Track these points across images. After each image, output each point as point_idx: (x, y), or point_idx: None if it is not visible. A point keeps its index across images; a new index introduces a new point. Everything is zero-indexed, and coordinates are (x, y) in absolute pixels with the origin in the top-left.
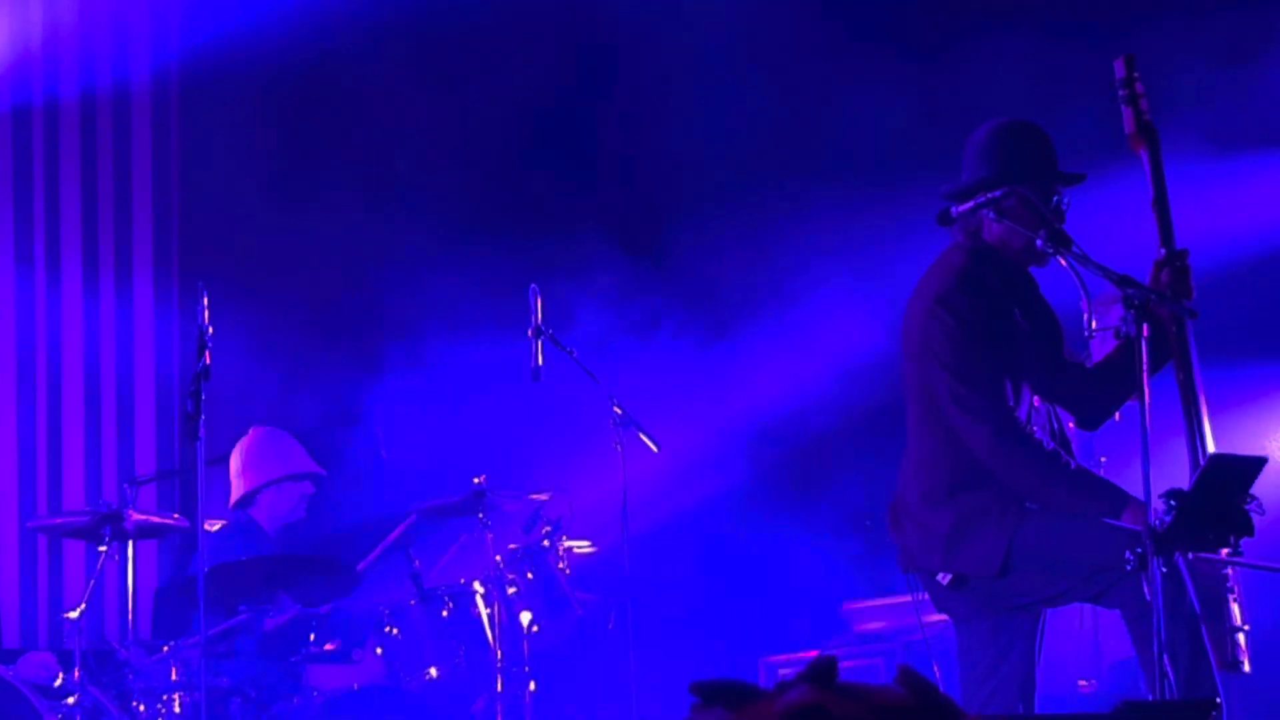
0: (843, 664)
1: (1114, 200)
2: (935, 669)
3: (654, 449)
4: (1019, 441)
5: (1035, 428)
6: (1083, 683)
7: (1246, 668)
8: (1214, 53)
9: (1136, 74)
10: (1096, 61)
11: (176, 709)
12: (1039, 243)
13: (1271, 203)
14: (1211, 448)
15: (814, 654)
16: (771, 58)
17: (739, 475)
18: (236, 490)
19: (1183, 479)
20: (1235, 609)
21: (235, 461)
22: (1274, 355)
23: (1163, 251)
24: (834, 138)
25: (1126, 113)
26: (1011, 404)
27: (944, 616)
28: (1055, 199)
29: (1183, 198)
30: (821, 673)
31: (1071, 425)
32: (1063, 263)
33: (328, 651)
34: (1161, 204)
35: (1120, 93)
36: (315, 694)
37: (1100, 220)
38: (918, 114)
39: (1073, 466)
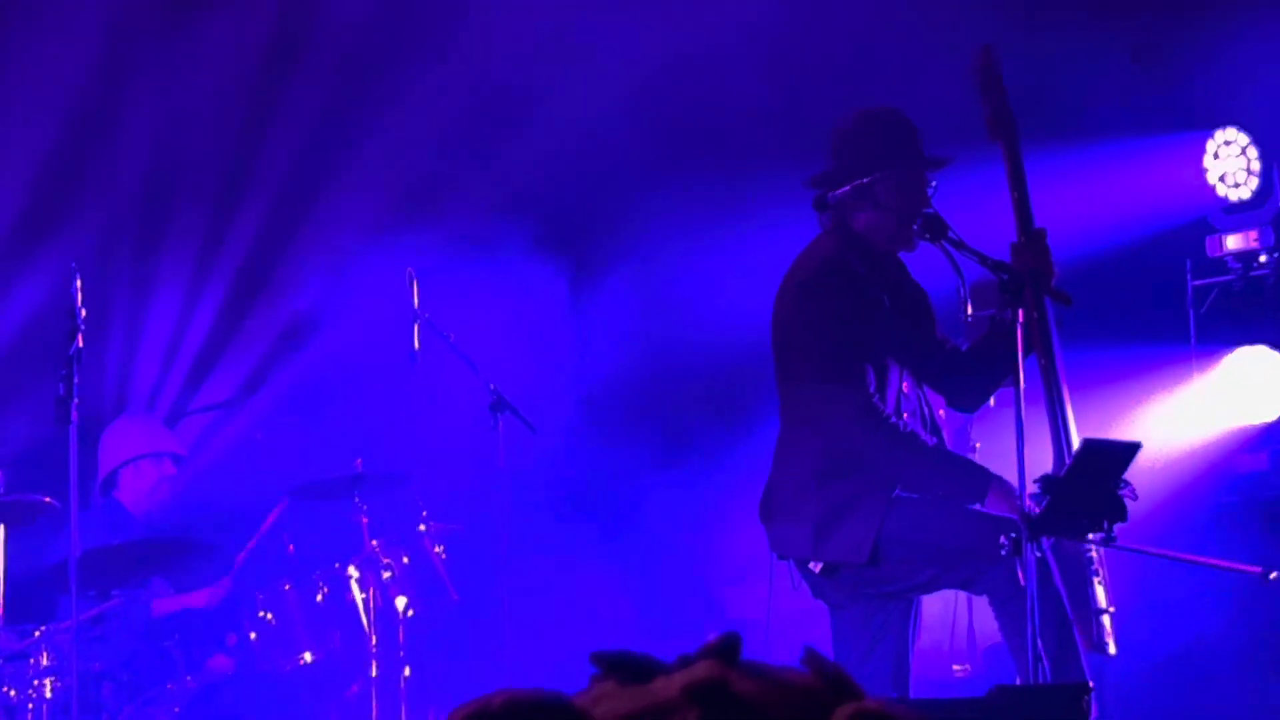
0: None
1: (986, 186)
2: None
3: (531, 431)
4: (876, 425)
5: (905, 413)
6: (957, 667)
7: (1112, 649)
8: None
9: (995, 63)
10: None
11: (48, 694)
12: (915, 227)
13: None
14: (1074, 432)
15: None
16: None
17: (618, 457)
18: (100, 474)
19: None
20: (1100, 591)
21: (101, 447)
22: (1141, 339)
23: (1021, 237)
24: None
25: (985, 102)
26: (875, 389)
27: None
28: (924, 184)
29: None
30: (725, 648)
31: (942, 412)
32: (941, 248)
33: (201, 636)
34: (1020, 190)
35: (979, 82)
36: (188, 678)
37: (973, 206)
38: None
39: (932, 447)
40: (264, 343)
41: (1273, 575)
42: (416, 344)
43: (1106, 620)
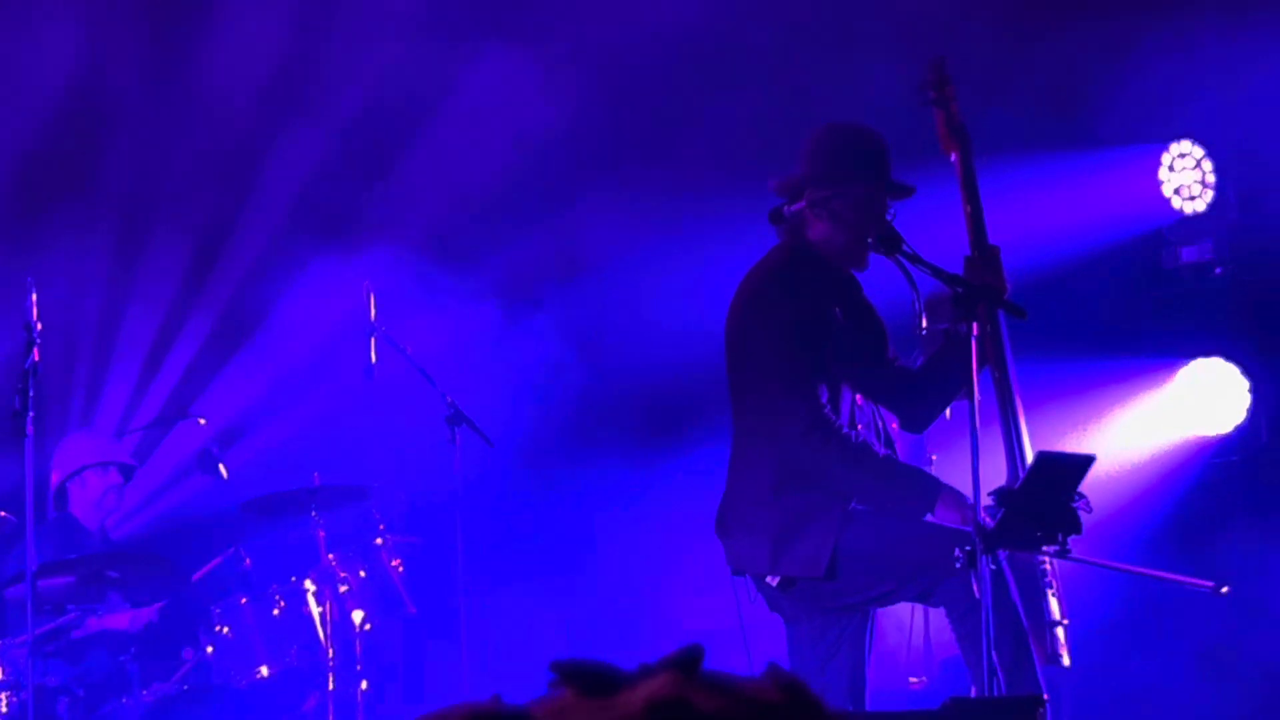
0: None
1: (938, 201)
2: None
3: (489, 444)
4: (827, 437)
5: (860, 425)
6: (914, 680)
7: (1066, 662)
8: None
9: (947, 76)
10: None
11: (3, 708)
12: (869, 240)
13: (1087, 203)
14: (1028, 444)
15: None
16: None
17: (575, 471)
18: (50, 489)
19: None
20: (1054, 604)
21: (51, 462)
22: (1096, 352)
23: (974, 251)
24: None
25: (937, 115)
26: (828, 400)
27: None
28: (884, 206)
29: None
30: (686, 662)
31: (896, 425)
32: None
33: (157, 650)
34: (973, 204)
35: (930, 95)
36: (144, 693)
37: (926, 219)
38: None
39: (882, 457)
40: (220, 356)
41: (1224, 590)
42: (373, 357)
43: (1061, 632)
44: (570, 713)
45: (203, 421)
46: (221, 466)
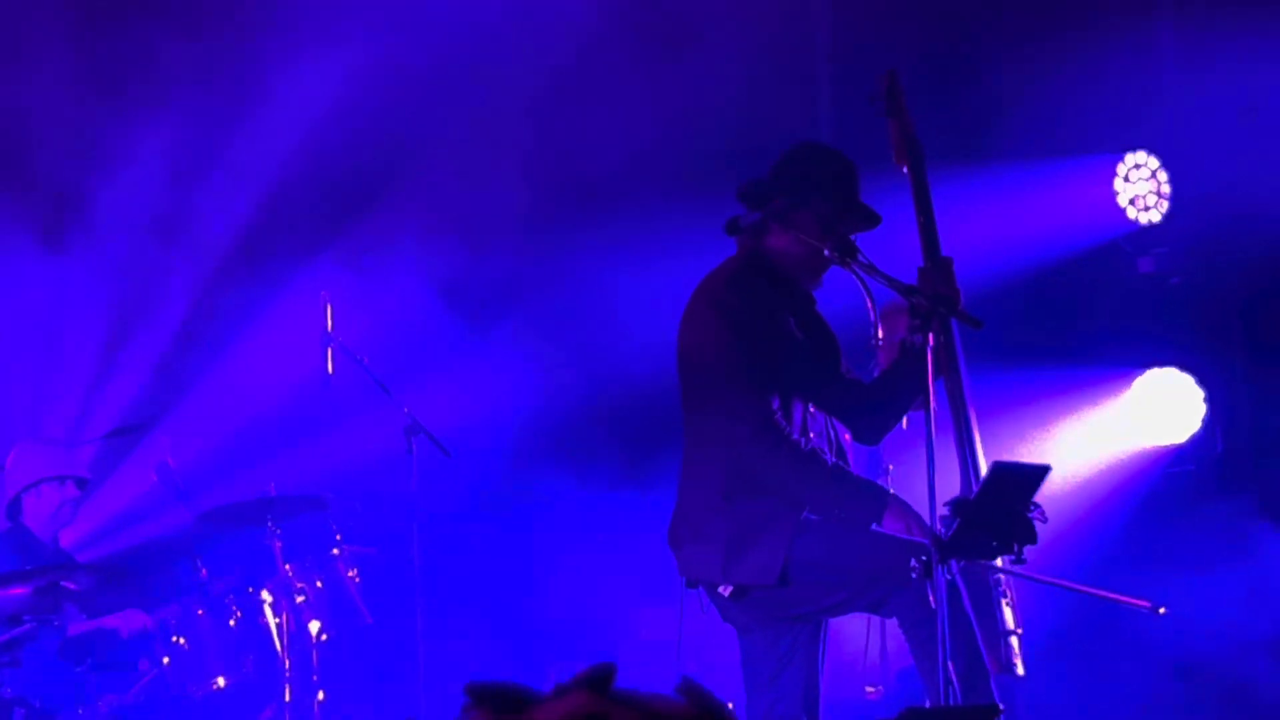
0: (630, 670)
1: (891, 212)
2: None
3: (445, 454)
4: (776, 443)
5: (812, 433)
6: (870, 689)
7: (1020, 670)
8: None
9: (899, 88)
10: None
11: None
12: (826, 251)
13: (1044, 214)
14: (981, 455)
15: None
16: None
17: (532, 481)
18: (4, 500)
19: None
20: (1008, 613)
21: (4, 472)
22: (1052, 361)
23: (927, 262)
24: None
25: (890, 127)
26: (779, 408)
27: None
28: (845, 229)
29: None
30: (598, 679)
31: (848, 436)
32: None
33: (114, 661)
34: (926, 214)
35: (882, 107)
36: (100, 704)
37: (879, 231)
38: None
39: (831, 466)
40: (176, 366)
41: (1161, 610)
42: (330, 368)
43: (1015, 641)
44: None
45: (166, 443)
46: (177, 479)
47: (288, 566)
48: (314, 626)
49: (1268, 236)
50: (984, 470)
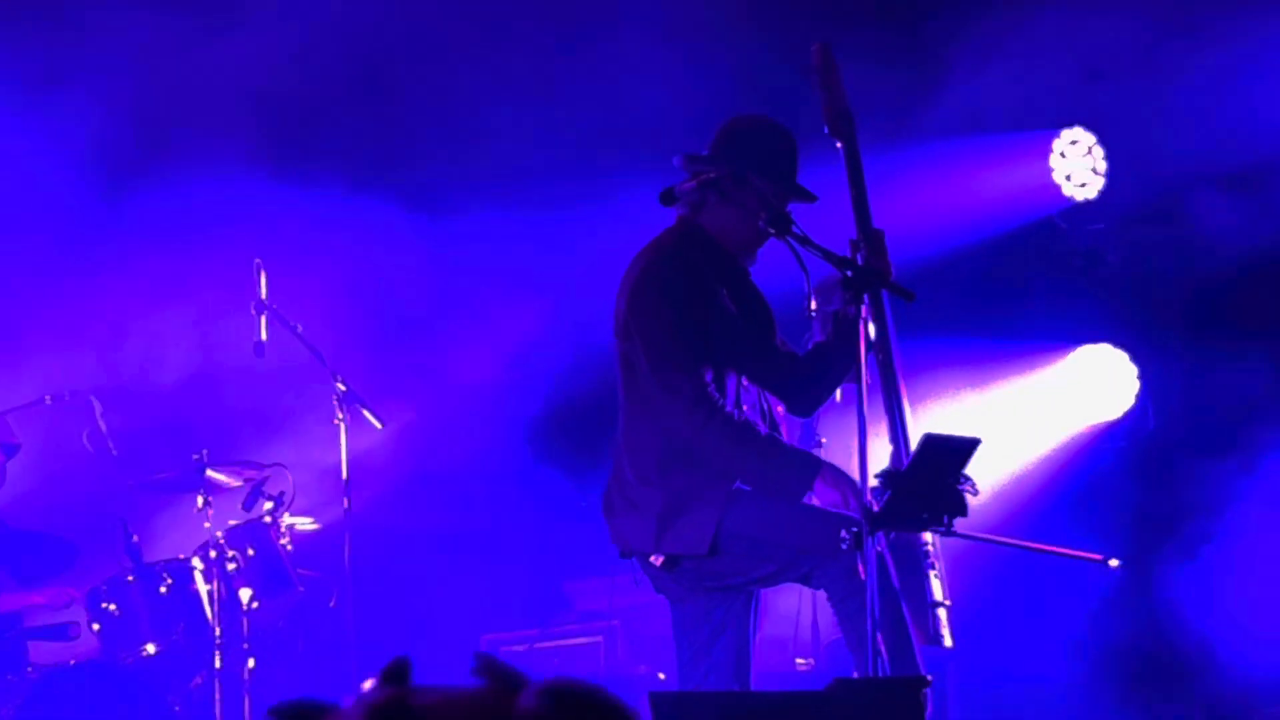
0: (564, 642)
1: (823, 185)
2: None
3: (377, 426)
4: (710, 415)
5: (745, 405)
6: (801, 661)
7: (948, 642)
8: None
9: (832, 61)
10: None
11: None
12: (760, 224)
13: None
14: (911, 427)
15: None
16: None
17: (464, 453)
18: None
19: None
20: (936, 585)
21: None
22: (985, 336)
23: (859, 234)
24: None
25: (822, 100)
26: (712, 380)
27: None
28: (782, 204)
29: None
30: (395, 672)
31: (781, 409)
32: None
33: (43, 628)
34: (858, 188)
35: (815, 80)
36: (30, 670)
37: (812, 204)
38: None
39: (764, 437)
40: (109, 331)
41: (1113, 563)
42: (263, 334)
43: (943, 613)
44: None
45: (97, 408)
46: (110, 444)
47: (219, 534)
48: (245, 594)
49: (1202, 213)
50: (915, 443)
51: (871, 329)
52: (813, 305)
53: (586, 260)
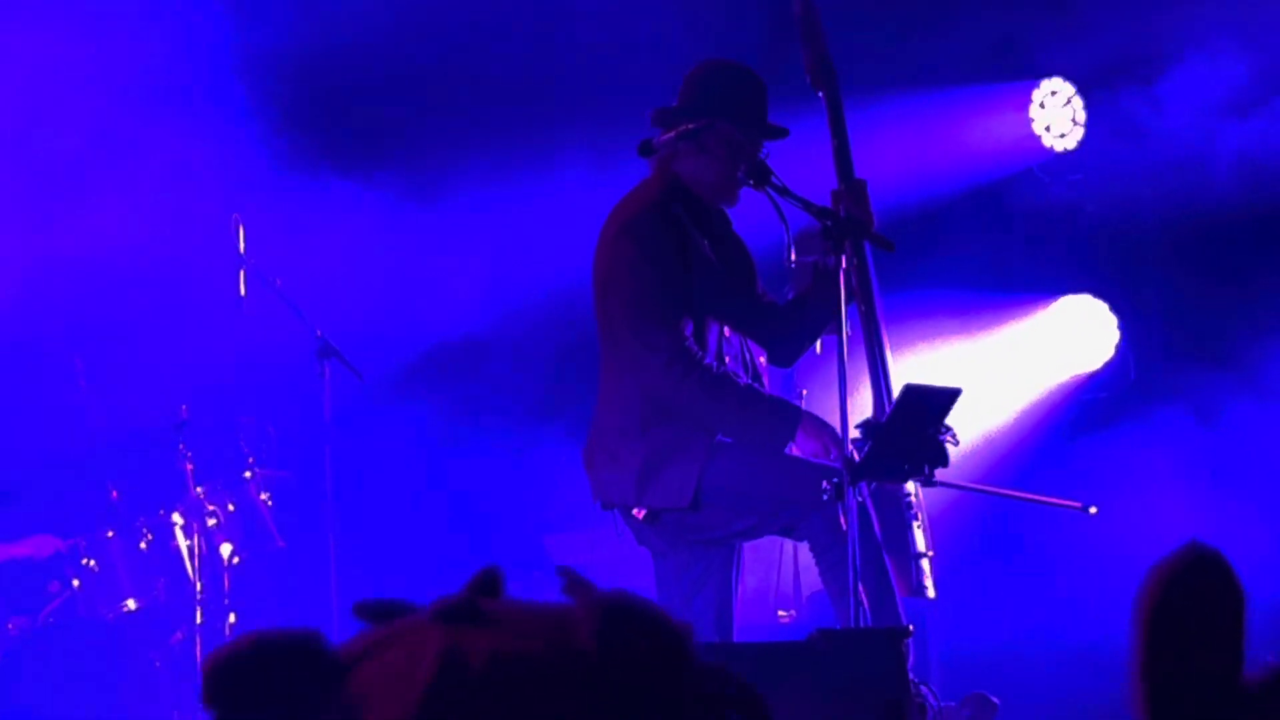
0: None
1: (806, 135)
2: None
3: (358, 378)
4: (688, 369)
5: (728, 357)
6: (782, 613)
7: (931, 593)
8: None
9: (814, 12)
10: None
11: None
12: (739, 174)
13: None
14: (893, 378)
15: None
16: None
17: (443, 405)
18: None
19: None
20: (919, 536)
21: None
22: (967, 286)
23: (841, 185)
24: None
25: (805, 51)
26: (693, 333)
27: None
28: (755, 146)
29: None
30: (485, 582)
31: (763, 359)
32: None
33: (23, 585)
34: (840, 138)
35: (798, 31)
36: (9, 627)
37: (793, 154)
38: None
39: (744, 387)
40: (87, 286)
41: (1093, 510)
42: (242, 289)
43: (925, 564)
44: (363, 636)
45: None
46: (90, 400)
47: (199, 489)
48: (226, 549)
49: (1181, 165)
50: (896, 393)
51: (852, 280)
52: (793, 256)
53: (573, 221)
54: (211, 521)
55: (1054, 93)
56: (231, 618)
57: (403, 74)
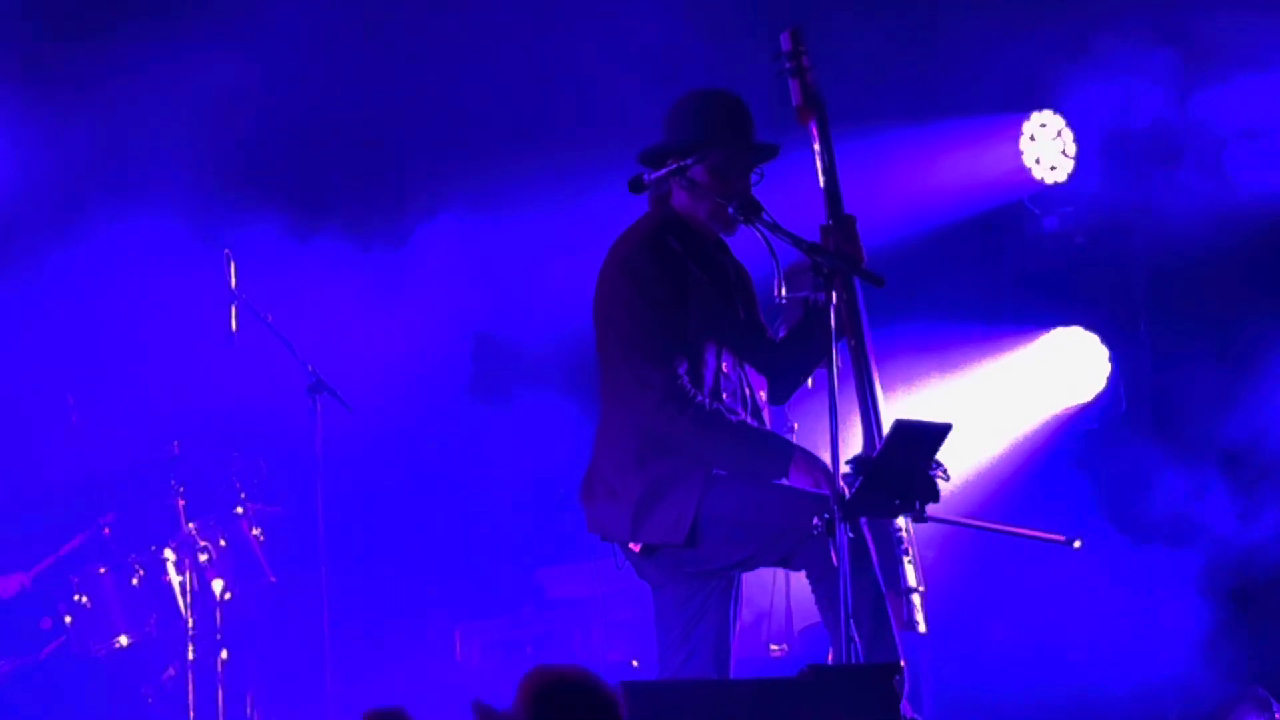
0: (536, 629)
1: (793, 170)
2: None
3: (350, 412)
4: (682, 408)
5: (725, 394)
6: (774, 648)
7: (923, 628)
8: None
9: (803, 47)
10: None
11: None
12: (730, 210)
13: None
14: (883, 413)
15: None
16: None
17: (434, 439)
18: None
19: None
20: (910, 571)
21: None
22: (957, 320)
23: (830, 221)
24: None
25: (794, 85)
26: (688, 370)
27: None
28: (745, 169)
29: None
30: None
31: (764, 394)
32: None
33: (15, 620)
34: (829, 173)
35: (787, 65)
36: (2, 663)
37: (782, 189)
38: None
39: (736, 423)
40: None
41: (1077, 544)
42: (234, 325)
43: (917, 599)
44: None
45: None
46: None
47: (191, 525)
48: (217, 585)
49: (1171, 196)
50: (886, 429)
51: (842, 315)
52: (782, 291)
53: (562, 254)
54: (203, 557)
55: (1044, 125)
56: (224, 654)
57: (385, 113)
